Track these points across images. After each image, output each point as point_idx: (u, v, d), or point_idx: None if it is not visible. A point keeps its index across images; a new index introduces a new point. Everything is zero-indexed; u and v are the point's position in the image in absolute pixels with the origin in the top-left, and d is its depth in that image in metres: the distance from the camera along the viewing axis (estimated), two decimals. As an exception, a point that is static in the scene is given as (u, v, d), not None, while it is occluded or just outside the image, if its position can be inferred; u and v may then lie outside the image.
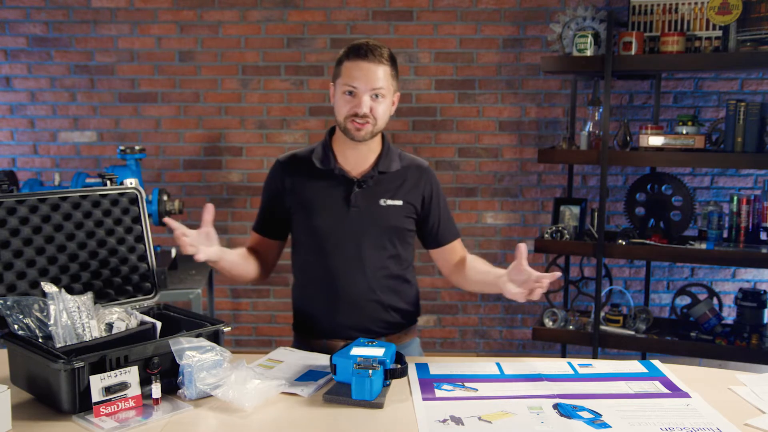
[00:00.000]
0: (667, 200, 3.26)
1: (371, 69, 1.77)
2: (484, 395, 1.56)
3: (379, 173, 1.89)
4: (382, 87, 1.79)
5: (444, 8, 3.63)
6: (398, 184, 1.91)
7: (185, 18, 3.66)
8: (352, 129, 1.81)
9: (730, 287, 3.68)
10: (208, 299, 3.54)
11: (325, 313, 1.90)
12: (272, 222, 1.98)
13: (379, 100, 1.80)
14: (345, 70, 1.80)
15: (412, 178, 1.93)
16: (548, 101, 3.69)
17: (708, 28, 3.01)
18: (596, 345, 3.15)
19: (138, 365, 1.48)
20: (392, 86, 1.84)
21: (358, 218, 1.86)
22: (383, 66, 1.79)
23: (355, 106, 1.78)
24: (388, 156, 1.91)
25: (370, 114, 1.79)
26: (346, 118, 1.81)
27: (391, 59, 1.83)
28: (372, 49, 1.78)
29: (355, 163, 1.90)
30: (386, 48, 1.82)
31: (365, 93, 1.78)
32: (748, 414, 1.48)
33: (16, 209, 1.67)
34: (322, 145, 1.93)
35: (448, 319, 3.83)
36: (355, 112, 1.79)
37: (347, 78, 1.79)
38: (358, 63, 1.78)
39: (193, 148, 3.76)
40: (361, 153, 1.89)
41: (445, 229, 1.99)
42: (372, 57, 1.77)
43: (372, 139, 1.86)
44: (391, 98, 1.85)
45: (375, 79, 1.77)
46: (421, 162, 1.99)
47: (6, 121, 3.74)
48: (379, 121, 1.82)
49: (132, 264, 1.82)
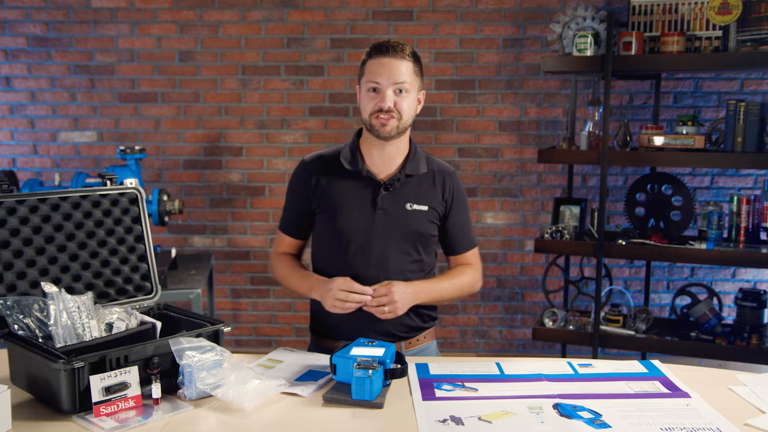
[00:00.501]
0: (667, 200, 3.26)
1: (393, 64, 1.79)
2: (484, 395, 1.56)
3: (406, 176, 1.89)
4: (405, 81, 1.80)
5: (444, 8, 3.63)
6: (425, 189, 1.91)
7: (185, 18, 3.66)
8: (378, 125, 1.81)
9: (730, 287, 3.68)
10: (208, 299, 3.54)
11: (346, 315, 1.87)
12: (302, 222, 1.97)
13: (403, 95, 1.81)
14: (368, 68, 1.82)
15: (438, 182, 1.93)
16: (548, 101, 3.69)
17: (708, 28, 3.01)
18: (596, 345, 3.15)
19: (138, 365, 1.48)
20: (416, 83, 1.85)
21: (383, 221, 1.86)
22: (405, 61, 1.81)
23: (380, 101, 1.80)
24: (414, 159, 1.91)
25: (395, 108, 1.80)
26: (371, 114, 1.82)
27: (414, 56, 1.84)
28: (394, 45, 1.81)
29: (382, 165, 1.90)
30: (409, 46, 1.85)
31: (388, 87, 1.79)
32: (748, 414, 1.48)
33: (16, 209, 1.67)
34: (350, 146, 1.93)
35: (448, 319, 3.83)
36: (379, 108, 1.80)
37: (370, 75, 1.81)
38: (380, 59, 1.80)
39: (193, 148, 3.76)
40: (389, 154, 1.89)
41: (461, 237, 1.99)
42: (394, 53, 1.80)
43: (399, 140, 1.86)
44: (415, 94, 1.86)
45: (398, 74, 1.79)
46: (448, 167, 1.99)
47: (6, 121, 3.74)
48: (404, 116, 1.82)
49: (132, 264, 1.82)
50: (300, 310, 3.83)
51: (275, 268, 2.00)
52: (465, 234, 2.00)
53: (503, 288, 3.82)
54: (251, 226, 3.81)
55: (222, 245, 3.82)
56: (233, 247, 3.82)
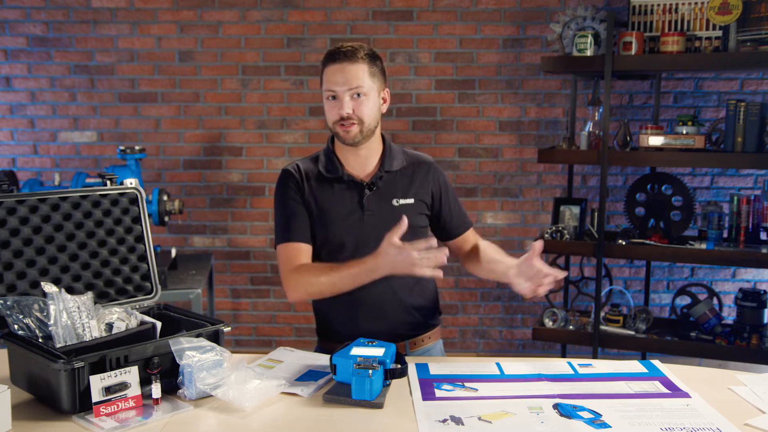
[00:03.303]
0: (667, 200, 3.26)
1: (346, 69, 1.78)
2: (484, 395, 1.56)
3: (386, 173, 1.89)
4: (360, 86, 1.78)
5: (444, 8, 3.63)
6: (407, 182, 1.91)
7: (185, 18, 3.66)
8: (341, 132, 1.81)
9: (730, 287, 3.68)
10: (208, 299, 3.54)
11: (348, 318, 1.88)
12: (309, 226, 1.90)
13: (360, 99, 1.79)
14: (325, 76, 1.82)
15: (420, 174, 1.93)
16: (548, 101, 3.69)
17: (708, 28, 3.01)
18: (596, 345, 3.15)
19: (138, 365, 1.48)
20: (375, 84, 1.83)
21: (373, 221, 1.86)
22: (359, 64, 1.79)
23: (338, 109, 1.79)
24: (390, 155, 1.92)
25: (354, 114, 1.79)
26: (334, 123, 1.82)
27: (370, 57, 1.82)
28: (345, 51, 1.79)
29: (360, 167, 1.90)
30: (364, 47, 1.82)
31: (345, 94, 1.78)
32: (748, 414, 1.48)
33: (16, 209, 1.67)
34: (325, 153, 1.92)
35: (448, 319, 3.83)
36: (339, 116, 1.79)
37: (327, 83, 1.81)
38: (334, 66, 1.79)
39: (193, 148, 3.76)
40: (363, 156, 1.89)
41: (457, 220, 1.99)
42: (345, 58, 1.78)
43: (370, 141, 1.86)
44: (376, 96, 1.84)
45: (352, 79, 1.78)
46: (426, 157, 1.99)
47: (6, 121, 3.74)
48: (366, 120, 1.81)
49: (132, 264, 1.82)
50: (300, 310, 3.83)
51: (305, 282, 1.80)
52: (460, 215, 2.00)
53: (503, 288, 3.82)
54: (251, 226, 3.81)
55: (222, 245, 3.82)
56: (233, 247, 3.82)
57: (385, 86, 1.88)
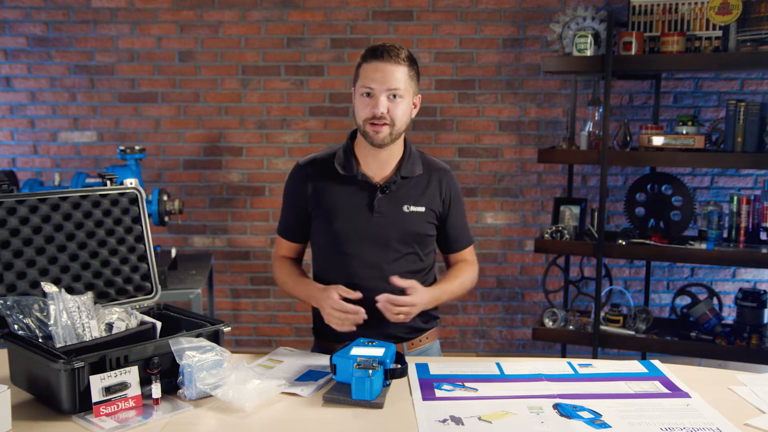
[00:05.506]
0: (667, 200, 3.26)
1: (387, 69, 1.77)
2: (484, 395, 1.56)
3: (402, 178, 1.88)
4: (399, 87, 1.78)
5: (444, 8, 3.63)
6: (421, 190, 1.90)
7: (185, 18, 3.66)
8: (371, 132, 1.79)
9: (730, 287, 3.68)
10: (208, 299, 3.54)
11: None
12: (299, 226, 1.95)
13: (396, 101, 1.78)
14: (363, 72, 1.80)
15: (434, 182, 1.92)
16: (548, 101, 3.69)
17: (708, 28, 3.01)
18: (596, 345, 3.15)
19: (138, 365, 1.48)
20: (411, 87, 1.82)
21: (381, 224, 1.85)
22: (400, 66, 1.78)
23: (373, 107, 1.77)
24: (410, 160, 1.90)
25: (387, 115, 1.78)
26: (365, 121, 1.80)
27: (410, 60, 1.82)
28: (388, 49, 1.78)
29: (377, 168, 1.89)
30: (405, 49, 1.82)
31: (382, 93, 1.77)
32: (748, 414, 1.48)
33: (16, 209, 1.67)
34: (344, 149, 1.91)
35: (448, 319, 3.83)
36: (372, 114, 1.78)
37: (364, 79, 1.79)
38: (375, 64, 1.77)
39: (193, 148, 3.76)
40: (383, 158, 1.88)
41: (459, 235, 1.99)
42: (388, 57, 1.77)
43: (393, 144, 1.85)
44: (410, 100, 1.84)
45: (392, 80, 1.77)
46: (443, 165, 1.98)
47: (6, 121, 3.74)
48: (398, 123, 1.80)
49: (132, 264, 1.82)
50: (300, 310, 3.83)
51: (275, 272, 2.01)
52: (463, 232, 2.00)
53: (503, 288, 3.82)
54: (251, 226, 3.81)
55: (222, 245, 3.82)
56: (233, 247, 3.82)
57: (417, 92, 1.88)
